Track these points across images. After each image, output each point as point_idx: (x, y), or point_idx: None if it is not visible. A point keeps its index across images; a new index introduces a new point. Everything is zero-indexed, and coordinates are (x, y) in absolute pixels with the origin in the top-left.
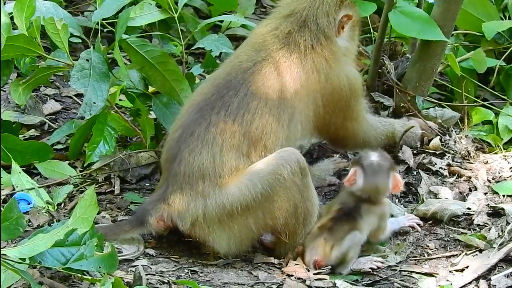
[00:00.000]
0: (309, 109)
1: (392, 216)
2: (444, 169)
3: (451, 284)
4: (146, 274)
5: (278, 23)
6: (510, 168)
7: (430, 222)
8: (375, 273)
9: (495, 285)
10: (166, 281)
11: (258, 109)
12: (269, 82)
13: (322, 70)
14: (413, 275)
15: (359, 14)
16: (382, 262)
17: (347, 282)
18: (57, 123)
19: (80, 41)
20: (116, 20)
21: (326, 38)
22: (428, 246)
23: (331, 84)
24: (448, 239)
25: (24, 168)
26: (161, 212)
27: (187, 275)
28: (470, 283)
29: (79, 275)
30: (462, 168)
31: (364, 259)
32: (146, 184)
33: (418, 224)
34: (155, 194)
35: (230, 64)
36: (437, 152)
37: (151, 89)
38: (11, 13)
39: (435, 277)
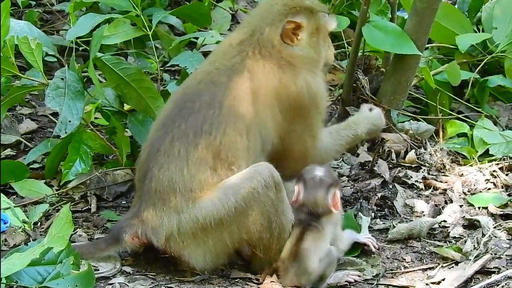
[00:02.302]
0: (267, 116)
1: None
2: (420, 182)
3: None
4: None
5: (234, 34)
6: (485, 180)
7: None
8: (352, 286)
9: None
10: None
11: (214, 119)
12: (221, 91)
13: (274, 76)
14: None
15: (316, 22)
16: (359, 276)
17: None
18: (33, 142)
19: (55, 60)
20: (90, 38)
21: (273, 46)
22: (405, 259)
23: (286, 90)
24: (424, 251)
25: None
26: (135, 228)
27: None
28: None
29: None
30: (437, 181)
31: (340, 273)
32: (123, 202)
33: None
34: (129, 212)
35: (189, 78)
36: (413, 165)
37: (126, 106)
38: None
39: None
